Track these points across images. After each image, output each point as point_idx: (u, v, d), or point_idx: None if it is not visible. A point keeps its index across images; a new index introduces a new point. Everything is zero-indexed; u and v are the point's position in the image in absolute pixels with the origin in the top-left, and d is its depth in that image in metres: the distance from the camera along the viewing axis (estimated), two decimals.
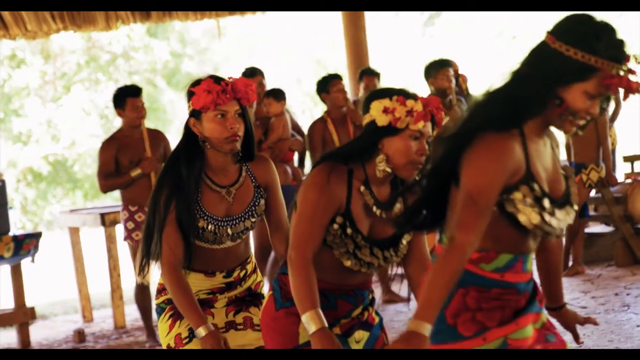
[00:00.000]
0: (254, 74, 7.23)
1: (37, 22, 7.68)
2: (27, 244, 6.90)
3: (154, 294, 4.58)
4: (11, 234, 6.88)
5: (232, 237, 3.24)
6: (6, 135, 17.47)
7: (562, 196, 2.43)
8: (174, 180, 3.16)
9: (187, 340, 3.21)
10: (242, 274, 3.34)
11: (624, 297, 6.51)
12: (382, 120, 2.84)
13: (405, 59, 18.45)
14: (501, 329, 2.39)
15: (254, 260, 3.44)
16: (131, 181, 6.31)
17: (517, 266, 2.42)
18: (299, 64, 19.58)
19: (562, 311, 2.73)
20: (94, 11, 7.84)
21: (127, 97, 6.34)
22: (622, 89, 2.30)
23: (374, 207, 2.91)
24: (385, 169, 2.87)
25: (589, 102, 2.33)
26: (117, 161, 6.35)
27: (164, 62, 18.67)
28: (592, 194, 7.99)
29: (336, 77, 7.17)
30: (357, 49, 9.24)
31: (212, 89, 3.13)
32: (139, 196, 6.29)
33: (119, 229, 7.01)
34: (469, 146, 2.34)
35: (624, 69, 2.29)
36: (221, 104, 3.14)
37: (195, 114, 3.18)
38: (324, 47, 19.36)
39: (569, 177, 2.49)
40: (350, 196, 2.89)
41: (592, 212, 8.43)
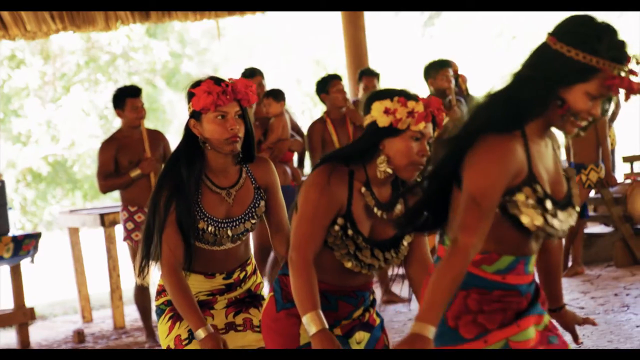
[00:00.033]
0: (253, 74, 7.23)
1: (37, 22, 7.68)
2: (26, 244, 6.89)
3: (153, 294, 4.59)
4: (11, 234, 6.87)
5: (232, 239, 3.24)
6: (6, 135, 17.47)
7: (564, 198, 2.43)
8: (174, 181, 3.16)
9: (186, 341, 3.21)
10: (242, 275, 3.34)
11: (624, 298, 6.51)
12: (383, 121, 2.84)
13: (404, 60, 18.44)
14: (502, 331, 2.38)
15: (254, 261, 3.43)
16: (131, 181, 6.30)
17: (519, 268, 2.42)
18: (298, 65, 19.58)
19: (561, 312, 2.74)
20: (93, 11, 7.83)
21: (126, 98, 6.34)
22: (623, 90, 2.30)
23: (375, 208, 2.91)
24: (386, 170, 2.87)
25: (590, 103, 2.33)
26: (117, 162, 6.35)
27: (163, 62, 18.67)
28: (591, 195, 7.99)
29: (336, 78, 7.17)
30: (356, 49, 9.24)
31: (212, 90, 3.12)
32: (139, 197, 6.29)
33: (118, 230, 7.01)
34: (470, 148, 2.34)
35: (625, 70, 2.30)
36: (221, 105, 3.14)
37: (195, 115, 3.18)
38: (323, 48, 19.36)
39: (570, 179, 2.49)
40: (351, 197, 2.88)
41: (591, 213, 8.43)
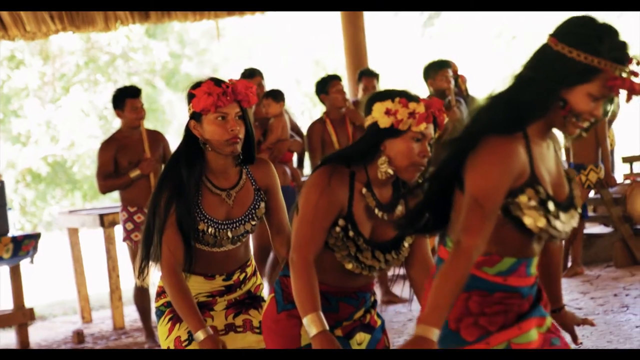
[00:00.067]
0: (253, 74, 7.22)
1: (36, 23, 7.67)
2: (26, 244, 6.89)
3: (153, 295, 4.59)
4: (10, 234, 6.87)
5: (232, 240, 3.24)
6: (5, 136, 17.46)
7: (566, 199, 2.43)
8: (174, 182, 3.16)
9: (186, 342, 3.21)
10: (241, 276, 3.34)
11: (623, 298, 6.51)
12: (384, 122, 2.84)
13: (404, 60, 18.43)
14: (504, 333, 2.38)
15: (254, 263, 3.43)
16: (130, 182, 6.30)
17: (521, 270, 2.41)
18: (298, 65, 19.57)
19: (561, 313, 2.74)
20: (92, 12, 7.83)
21: (126, 98, 6.34)
22: (624, 91, 2.30)
23: (376, 209, 2.90)
24: (387, 171, 2.86)
25: (592, 104, 2.32)
26: (116, 162, 6.35)
27: (163, 63, 18.66)
28: (591, 195, 7.99)
29: (335, 78, 7.17)
30: (356, 50, 9.23)
31: (212, 91, 3.12)
32: (138, 197, 6.29)
33: (118, 230, 7.01)
34: (472, 150, 2.33)
35: (627, 71, 2.30)
36: (222, 106, 3.13)
37: (195, 117, 3.18)
38: (322, 48, 19.35)
39: (571, 180, 2.49)
40: (352, 198, 2.88)
41: (591, 213, 8.43)
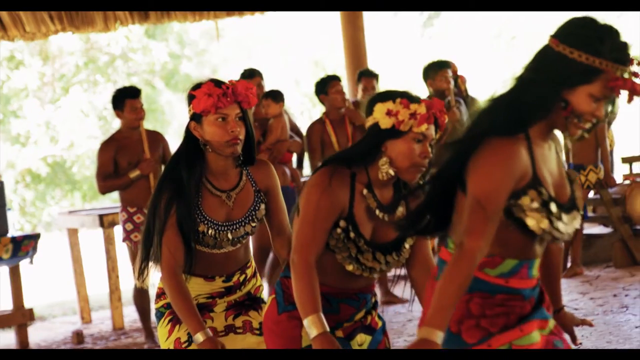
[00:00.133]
0: (252, 75, 7.22)
1: (36, 23, 7.67)
2: (25, 245, 6.89)
3: (152, 295, 4.59)
4: (9, 235, 6.87)
5: (232, 242, 3.24)
6: (5, 136, 17.46)
7: (568, 201, 2.43)
8: (174, 184, 3.15)
9: (186, 344, 3.20)
10: (241, 278, 3.33)
11: (623, 298, 6.51)
12: (386, 122, 2.83)
13: (403, 60, 18.44)
14: (505, 335, 2.38)
15: (254, 264, 3.43)
16: (130, 182, 6.30)
17: (523, 272, 2.41)
18: (297, 65, 19.57)
19: (560, 314, 2.73)
20: (92, 12, 7.83)
21: (125, 99, 6.34)
22: (626, 91, 2.30)
23: (377, 210, 2.90)
24: (388, 172, 2.86)
25: (594, 105, 2.33)
26: (116, 162, 6.35)
27: (162, 63, 18.66)
28: (590, 195, 7.99)
29: (335, 79, 7.17)
30: (355, 50, 9.22)
31: (212, 92, 3.12)
32: (138, 197, 6.29)
33: (117, 230, 7.00)
34: (474, 152, 2.33)
35: (629, 72, 2.30)
36: (222, 108, 3.13)
37: (196, 118, 3.18)
38: (322, 48, 19.35)
39: (573, 181, 2.48)
40: (353, 199, 2.88)
41: (590, 214, 8.43)
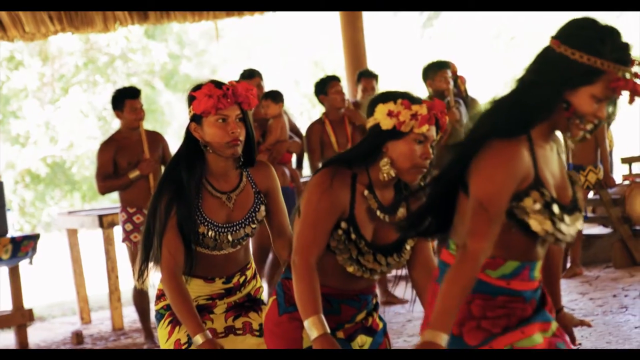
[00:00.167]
0: (252, 75, 7.22)
1: (35, 23, 7.67)
2: (25, 245, 6.88)
3: (152, 296, 4.58)
4: (9, 235, 6.86)
5: (232, 244, 3.23)
6: (4, 136, 17.46)
7: (570, 202, 2.43)
8: (174, 185, 3.15)
9: (186, 345, 3.20)
10: (241, 279, 3.33)
11: (622, 299, 6.51)
12: (387, 123, 2.83)
13: (403, 61, 18.44)
14: (506, 336, 2.37)
15: (254, 266, 3.42)
16: (129, 183, 6.30)
17: (524, 274, 2.41)
18: (296, 66, 19.58)
19: (559, 314, 2.73)
20: (91, 13, 7.83)
21: (125, 99, 6.34)
22: (627, 92, 2.30)
23: (378, 211, 2.90)
24: (389, 173, 2.85)
25: (596, 106, 2.33)
26: (116, 163, 6.35)
27: (162, 63, 18.67)
28: (590, 196, 7.99)
29: (334, 79, 7.17)
30: (354, 50, 9.22)
31: (213, 93, 3.11)
32: (137, 198, 6.29)
33: (117, 231, 7.00)
34: (476, 154, 2.33)
35: (630, 72, 2.30)
36: (222, 109, 3.12)
37: (196, 119, 3.17)
38: (321, 49, 19.36)
39: (575, 183, 2.48)
40: (354, 200, 2.87)
41: (590, 214, 8.43)
